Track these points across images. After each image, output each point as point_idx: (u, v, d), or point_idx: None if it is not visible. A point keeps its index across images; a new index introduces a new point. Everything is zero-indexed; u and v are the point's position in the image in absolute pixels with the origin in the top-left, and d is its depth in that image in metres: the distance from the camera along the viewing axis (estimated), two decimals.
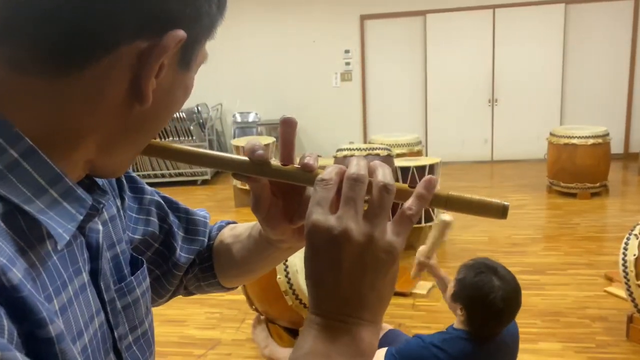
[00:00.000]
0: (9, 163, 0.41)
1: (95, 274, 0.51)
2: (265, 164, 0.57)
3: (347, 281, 0.48)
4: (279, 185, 0.62)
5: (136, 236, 0.70)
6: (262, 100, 8.18)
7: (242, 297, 3.02)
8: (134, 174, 0.71)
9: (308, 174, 0.55)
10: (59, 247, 0.44)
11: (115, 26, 0.41)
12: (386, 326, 2.58)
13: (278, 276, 2.58)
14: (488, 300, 1.74)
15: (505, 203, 0.52)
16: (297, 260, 2.57)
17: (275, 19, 7.94)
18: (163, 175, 7.01)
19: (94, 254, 0.51)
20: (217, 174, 7.41)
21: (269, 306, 2.82)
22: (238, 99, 8.21)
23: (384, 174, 0.50)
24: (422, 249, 2.38)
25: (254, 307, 2.94)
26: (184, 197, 6.22)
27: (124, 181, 0.69)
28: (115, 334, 0.53)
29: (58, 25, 0.40)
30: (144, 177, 7.19)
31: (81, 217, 0.46)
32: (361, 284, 0.48)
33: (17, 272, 0.39)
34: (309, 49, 7.98)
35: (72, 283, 0.47)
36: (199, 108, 7.69)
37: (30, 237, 0.42)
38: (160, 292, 0.77)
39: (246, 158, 0.58)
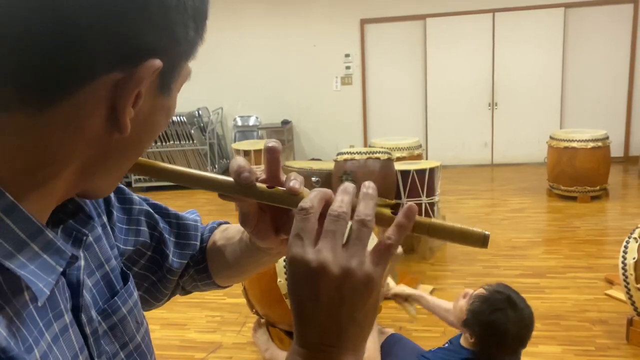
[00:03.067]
0: None
1: (76, 310, 0.51)
2: (251, 186, 0.58)
3: (326, 313, 0.49)
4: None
5: (128, 247, 0.70)
6: (262, 104, 8.19)
7: (243, 300, 3.02)
8: (121, 185, 0.71)
9: (293, 197, 0.56)
10: (39, 303, 0.44)
11: (89, 59, 0.41)
12: (388, 330, 2.57)
13: (279, 279, 2.59)
14: (502, 338, 1.73)
15: (486, 232, 0.53)
16: None
17: (276, 23, 7.96)
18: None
19: (75, 291, 0.51)
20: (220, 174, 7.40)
21: (269, 309, 2.83)
22: (239, 103, 8.23)
23: (365, 206, 0.51)
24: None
25: (254, 310, 2.94)
26: (185, 202, 6.23)
27: (111, 194, 0.68)
28: None
29: (30, 59, 0.40)
30: (144, 181, 7.19)
31: (61, 269, 0.46)
32: (339, 315, 0.49)
33: (2, 331, 0.39)
34: (309, 53, 8.00)
35: (50, 328, 0.47)
36: (200, 112, 7.71)
37: (6, 292, 0.42)
38: (158, 296, 0.78)
39: (231, 179, 0.58)
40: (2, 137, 0.42)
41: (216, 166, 7.51)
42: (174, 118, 7.22)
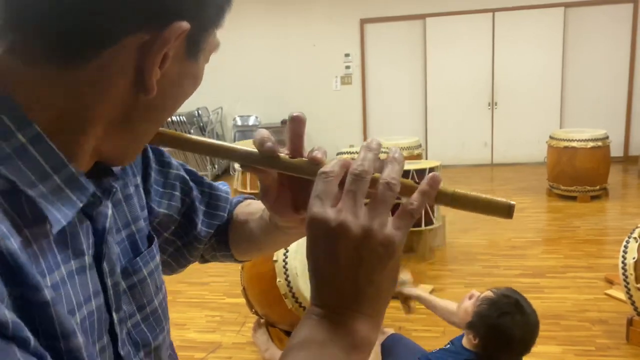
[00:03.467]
0: (16, 147, 0.43)
1: (99, 259, 0.52)
2: (274, 156, 0.58)
3: (344, 274, 0.48)
4: (287, 176, 0.62)
5: (161, 210, 0.71)
6: (262, 104, 8.19)
7: (243, 300, 3.02)
8: (162, 148, 0.72)
9: (315, 166, 0.55)
10: (53, 231, 0.45)
11: (117, 19, 0.42)
12: (388, 330, 2.57)
13: (278, 279, 2.58)
14: (507, 342, 1.73)
15: (512, 202, 0.51)
16: (297, 264, 2.58)
17: (276, 23, 7.96)
18: None
19: (100, 238, 0.52)
20: (219, 174, 7.41)
21: (269, 309, 2.82)
22: (238, 103, 8.22)
23: (391, 170, 0.51)
24: None
25: (254, 310, 2.94)
26: None
27: (151, 155, 0.70)
28: (115, 317, 0.54)
29: (63, 18, 0.41)
30: None
31: (81, 205, 0.47)
32: (358, 276, 0.48)
33: (14, 242, 0.40)
34: (309, 52, 8.00)
35: (67, 264, 0.47)
36: (200, 111, 7.71)
37: (29, 217, 0.43)
38: (182, 261, 0.80)
39: (255, 150, 0.58)
40: (38, 88, 0.44)
41: (216, 166, 7.51)
42: (174, 117, 7.22)
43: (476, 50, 7.62)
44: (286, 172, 0.59)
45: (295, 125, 0.60)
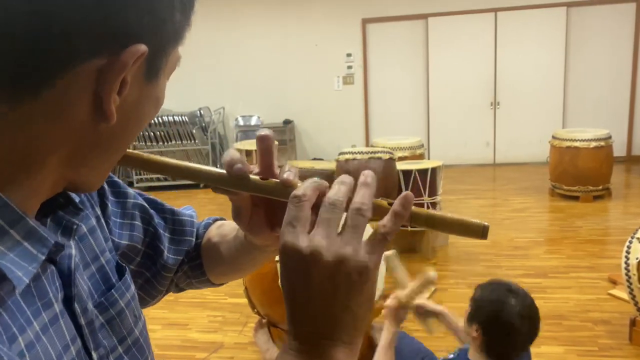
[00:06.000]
0: None
1: (69, 301, 0.50)
2: (244, 178, 0.56)
3: (319, 302, 0.47)
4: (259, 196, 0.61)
5: (122, 241, 0.69)
6: (264, 104, 8.19)
7: (244, 300, 3.02)
8: (116, 178, 0.70)
9: (287, 189, 0.54)
10: (17, 292, 0.43)
11: (70, 45, 0.40)
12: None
13: (280, 279, 2.58)
14: (505, 321, 1.71)
15: (485, 224, 0.51)
16: None
17: (278, 23, 7.96)
18: (166, 179, 7.01)
19: (67, 280, 0.50)
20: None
21: (270, 310, 2.82)
22: (240, 103, 8.22)
23: (362, 195, 0.49)
24: (399, 294, 2.17)
25: (255, 310, 2.94)
26: (186, 201, 6.22)
27: (106, 186, 0.68)
28: (94, 356, 0.53)
29: (8, 47, 0.39)
30: (146, 180, 7.20)
31: (43, 258, 0.44)
32: (333, 304, 0.47)
33: None
34: (311, 52, 8.00)
35: (39, 318, 0.46)
36: (202, 111, 7.71)
37: None
38: (152, 293, 0.77)
39: (224, 171, 0.57)
40: None
41: (218, 166, 7.48)
42: (176, 118, 7.23)
43: (478, 50, 7.61)
44: (257, 194, 0.58)
45: (263, 145, 0.59)
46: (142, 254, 0.73)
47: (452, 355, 1.92)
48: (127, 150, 0.53)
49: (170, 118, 7.20)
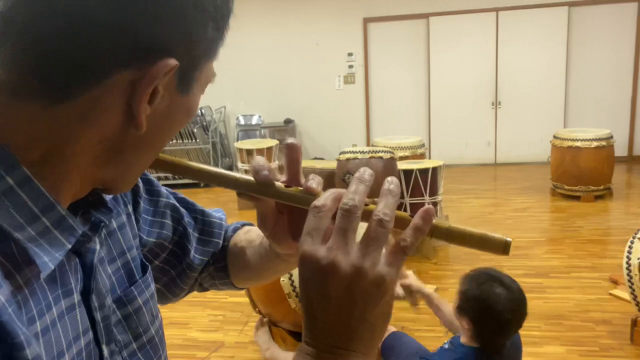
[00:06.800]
0: (4, 190, 0.43)
1: (87, 293, 0.52)
2: (269, 185, 0.57)
3: (335, 313, 0.47)
4: (284, 204, 0.61)
5: (150, 239, 0.71)
6: (265, 103, 8.19)
7: (245, 299, 3.02)
8: (151, 177, 0.72)
9: (310, 197, 0.55)
10: (42, 276, 0.44)
11: (105, 57, 0.42)
12: (390, 328, 2.56)
13: (281, 279, 2.58)
14: (494, 311, 1.72)
15: (508, 239, 0.50)
16: None
17: (279, 22, 7.96)
18: (167, 178, 7.02)
19: (88, 274, 0.52)
20: None
21: (272, 309, 2.82)
22: (241, 102, 8.23)
23: (385, 204, 0.49)
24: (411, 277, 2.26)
25: (257, 309, 2.94)
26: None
27: (140, 184, 0.70)
28: (105, 350, 0.53)
29: (49, 55, 0.41)
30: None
31: (69, 246, 0.46)
32: (350, 316, 0.47)
33: (1, 296, 0.40)
34: (312, 51, 7.99)
35: (58, 304, 0.47)
36: (203, 111, 7.71)
37: (19, 260, 0.43)
38: (175, 291, 0.79)
39: (251, 178, 0.58)
40: (25, 125, 0.44)
41: (219, 165, 7.51)
42: None
43: (480, 49, 7.60)
44: (281, 201, 0.59)
45: (290, 152, 0.60)
46: (168, 252, 0.75)
47: (447, 345, 1.94)
48: (160, 154, 0.55)
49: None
